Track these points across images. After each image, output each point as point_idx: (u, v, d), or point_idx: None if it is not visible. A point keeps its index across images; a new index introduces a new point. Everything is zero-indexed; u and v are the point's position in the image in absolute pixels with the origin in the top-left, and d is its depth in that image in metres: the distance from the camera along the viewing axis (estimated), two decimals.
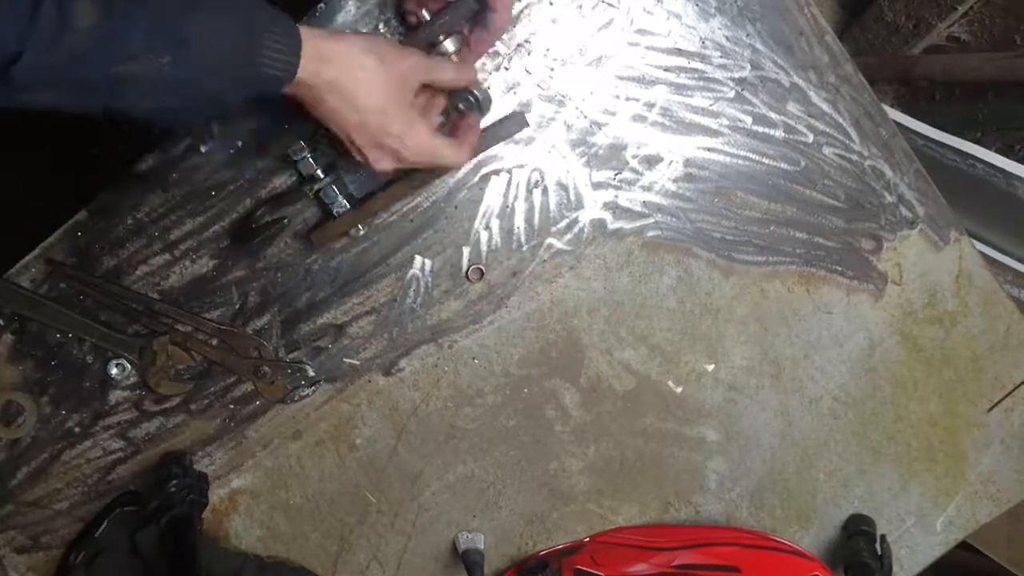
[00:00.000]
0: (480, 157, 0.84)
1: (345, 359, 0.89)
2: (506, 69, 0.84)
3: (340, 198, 0.80)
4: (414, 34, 0.75)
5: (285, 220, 0.83)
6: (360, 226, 0.84)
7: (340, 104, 0.66)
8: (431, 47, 0.75)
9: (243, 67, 0.59)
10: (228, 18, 0.57)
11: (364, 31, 0.80)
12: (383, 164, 0.71)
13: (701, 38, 0.85)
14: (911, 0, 1.59)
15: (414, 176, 0.81)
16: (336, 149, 0.77)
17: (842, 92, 0.88)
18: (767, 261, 0.92)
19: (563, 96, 0.85)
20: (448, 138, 0.75)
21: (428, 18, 0.74)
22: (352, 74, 0.65)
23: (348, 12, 0.80)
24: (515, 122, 0.83)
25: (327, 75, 0.63)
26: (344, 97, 0.65)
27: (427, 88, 0.74)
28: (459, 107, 0.78)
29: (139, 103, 0.56)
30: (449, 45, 0.75)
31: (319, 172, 0.79)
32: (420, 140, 0.70)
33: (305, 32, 0.62)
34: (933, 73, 1.57)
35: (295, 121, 0.77)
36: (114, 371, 0.86)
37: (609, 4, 0.83)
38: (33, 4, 0.48)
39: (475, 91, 0.77)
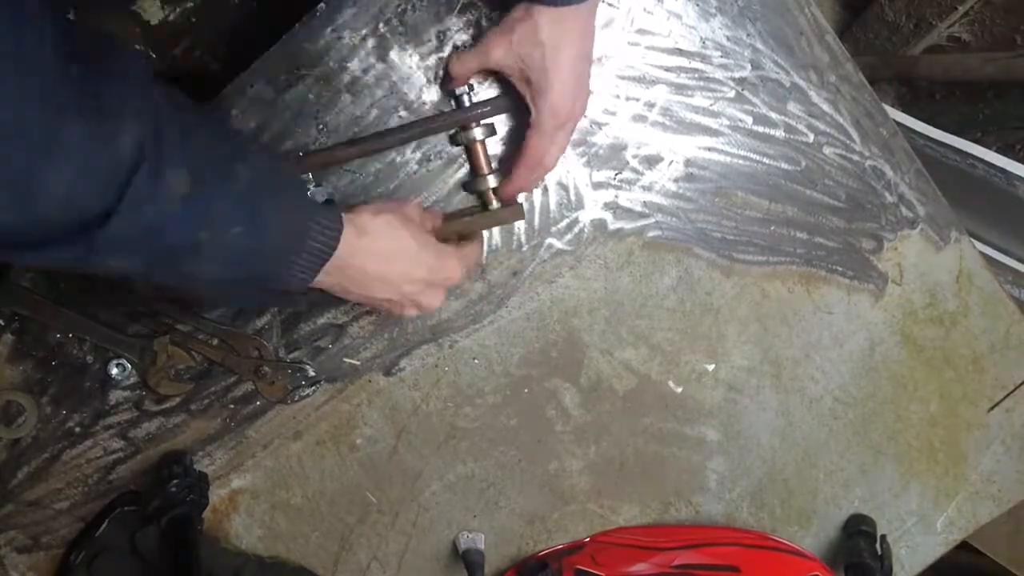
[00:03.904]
0: None
1: (345, 359, 0.89)
2: None
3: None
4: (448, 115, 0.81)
5: None
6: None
7: (383, 266, 0.69)
8: (462, 129, 0.81)
9: (291, 252, 0.62)
10: (286, 198, 0.61)
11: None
12: (439, 301, 0.75)
13: (701, 38, 0.85)
14: (911, 0, 1.59)
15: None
16: None
17: (842, 92, 0.88)
18: (767, 261, 0.92)
19: None
20: (469, 246, 0.81)
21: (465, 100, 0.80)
22: (382, 235, 0.69)
23: (348, 12, 0.80)
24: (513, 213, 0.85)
25: (362, 246, 0.67)
26: (384, 258, 0.69)
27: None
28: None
29: (207, 270, 0.57)
30: (478, 133, 0.80)
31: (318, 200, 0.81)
32: (454, 260, 0.75)
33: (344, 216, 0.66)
34: (933, 73, 1.57)
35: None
36: (114, 371, 0.86)
37: (609, 4, 0.83)
38: (129, 168, 0.47)
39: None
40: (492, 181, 0.82)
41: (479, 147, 0.82)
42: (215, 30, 0.88)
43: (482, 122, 0.81)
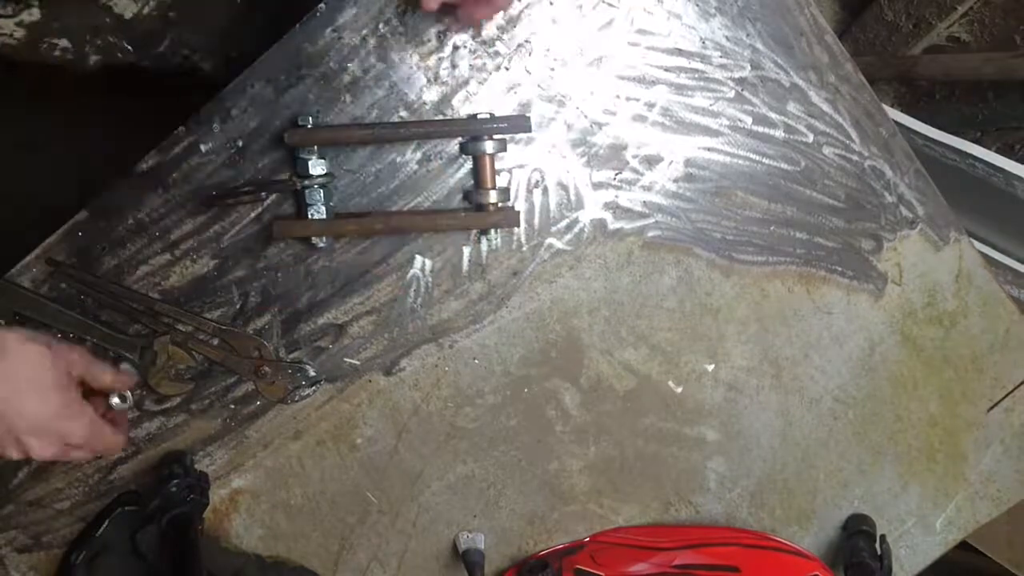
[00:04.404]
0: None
1: (346, 359, 0.89)
2: (506, 69, 0.84)
3: (320, 204, 0.81)
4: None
5: (263, 196, 0.83)
6: (324, 238, 0.83)
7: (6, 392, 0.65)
8: (473, 139, 0.82)
9: None
10: None
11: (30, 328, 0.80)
12: (47, 453, 0.71)
13: (701, 38, 0.85)
14: (911, 0, 1.59)
15: (393, 218, 0.84)
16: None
17: (842, 92, 0.88)
18: (767, 261, 0.92)
19: (563, 96, 0.85)
20: (109, 426, 0.77)
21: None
22: (18, 362, 0.65)
23: (348, 12, 0.81)
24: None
25: None
26: (11, 384, 0.65)
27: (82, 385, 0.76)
28: (112, 404, 0.82)
29: None
30: (488, 147, 0.81)
31: (315, 171, 0.80)
32: (89, 423, 0.72)
33: None
34: (933, 73, 1.57)
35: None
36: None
37: (609, 4, 0.83)
38: None
39: (126, 393, 0.83)
40: (494, 196, 0.82)
41: (487, 160, 0.82)
42: (199, 27, 0.87)
43: (495, 137, 0.82)
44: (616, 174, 0.88)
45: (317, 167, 0.80)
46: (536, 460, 0.94)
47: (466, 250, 0.88)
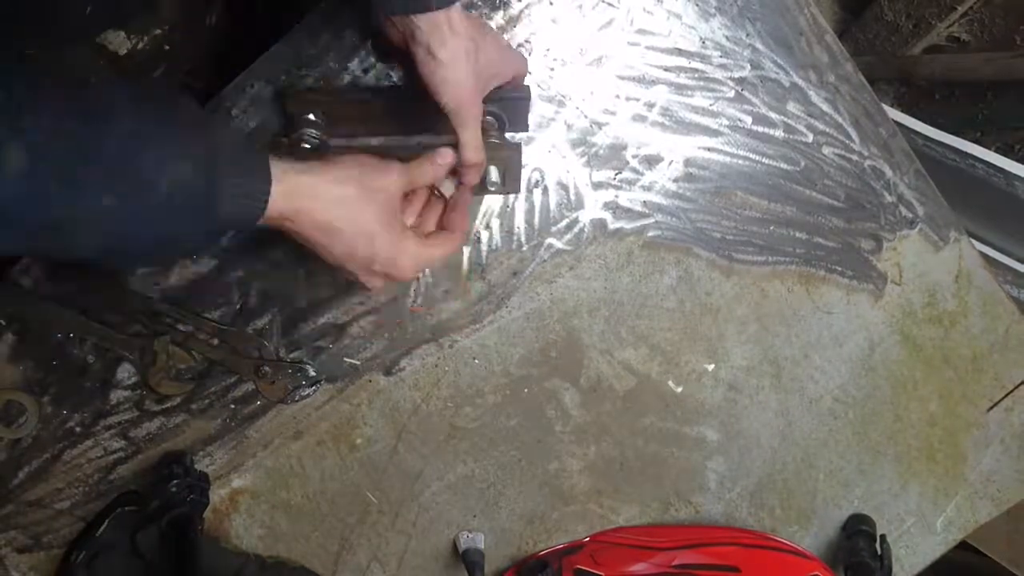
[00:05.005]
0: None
1: (346, 359, 0.89)
2: None
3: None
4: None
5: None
6: None
7: (325, 239, 0.65)
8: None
9: (199, 209, 0.56)
10: (181, 160, 0.54)
11: (341, 156, 0.72)
12: (377, 285, 0.71)
13: (701, 38, 0.85)
14: (911, 0, 1.59)
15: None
16: None
17: (842, 92, 0.88)
18: (767, 261, 0.92)
19: (563, 96, 0.85)
20: (437, 236, 0.75)
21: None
22: (332, 208, 0.63)
23: (348, 12, 0.80)
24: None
25: (305, 212, 0.62)
26: (327, 232, 0.64)
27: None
28: (439, 192, 0.78)
29: (84, 246, 0.52)
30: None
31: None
32: (410, 259, 0.70)
33: (277, 168, 0.60)
34: (933, 73, 1.57)
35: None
36: (119, 372, 0.86)
37: (609, 4, 0.83)
38: None
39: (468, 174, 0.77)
40: (494, 174, 0.81)
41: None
42: (193, 56, 0.87)
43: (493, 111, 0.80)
44: (616, 174, 0.88)
45: (307, 138, 0.78)
46: (536, 460, 0.94)
47: (466, 250, 0.88)
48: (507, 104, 0.81)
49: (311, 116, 0.77)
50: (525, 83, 0.83)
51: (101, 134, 0.50)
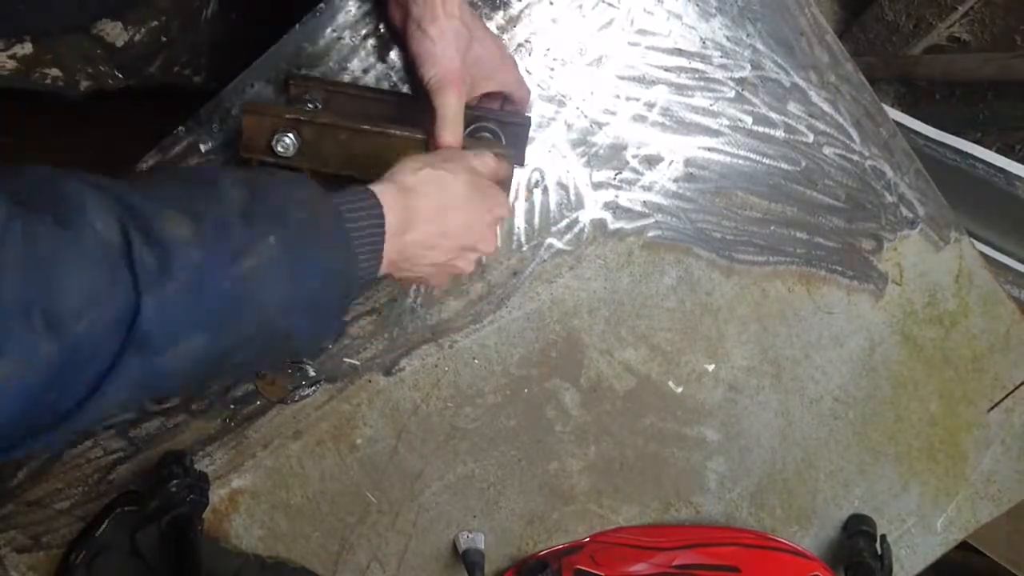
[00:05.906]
0: None
1: (346, 359, 0.89)
2: None
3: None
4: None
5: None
6: None
7: (440, 221, 0.64)
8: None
9: (336, 237, 0.57)
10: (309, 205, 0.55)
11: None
12: (493, 243, 0.71)
13: (701, 38, 0.85)
14: (911, 0, 1.59)
15: None
16: None
17: (842, 92, 0.88)
18: (767, 261, 0.92)
19: (563, 96, 0.85)
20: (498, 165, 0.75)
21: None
22: (429, 189, 0.64)
23: (348, 12, 0.80)
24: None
25: (412, 208, 0.62)
26: (441, 211, 0.64)
27: None
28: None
29: (272, 295, 0.52)
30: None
31: None
32: (499, 195, 0.71)
33: (374, 188, 0.60)
34: (933, 73, 1.57)
35: None
36: None
37: (609, 4, 0.83)
38: (122, 247, 0.44)
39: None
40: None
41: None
42: (191, 47, 0.87)
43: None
44: (616, 174, 0.88)
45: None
46: (536, 460, 0.94)
47: None
48: (506, 128, 0.80)
49: (307, 97, 0.77)
50: (527, 114, 0.82)
51: (227, 184, 0.52)
